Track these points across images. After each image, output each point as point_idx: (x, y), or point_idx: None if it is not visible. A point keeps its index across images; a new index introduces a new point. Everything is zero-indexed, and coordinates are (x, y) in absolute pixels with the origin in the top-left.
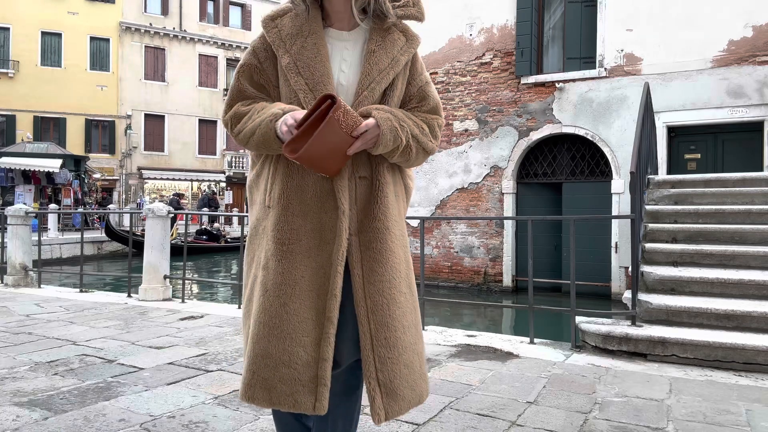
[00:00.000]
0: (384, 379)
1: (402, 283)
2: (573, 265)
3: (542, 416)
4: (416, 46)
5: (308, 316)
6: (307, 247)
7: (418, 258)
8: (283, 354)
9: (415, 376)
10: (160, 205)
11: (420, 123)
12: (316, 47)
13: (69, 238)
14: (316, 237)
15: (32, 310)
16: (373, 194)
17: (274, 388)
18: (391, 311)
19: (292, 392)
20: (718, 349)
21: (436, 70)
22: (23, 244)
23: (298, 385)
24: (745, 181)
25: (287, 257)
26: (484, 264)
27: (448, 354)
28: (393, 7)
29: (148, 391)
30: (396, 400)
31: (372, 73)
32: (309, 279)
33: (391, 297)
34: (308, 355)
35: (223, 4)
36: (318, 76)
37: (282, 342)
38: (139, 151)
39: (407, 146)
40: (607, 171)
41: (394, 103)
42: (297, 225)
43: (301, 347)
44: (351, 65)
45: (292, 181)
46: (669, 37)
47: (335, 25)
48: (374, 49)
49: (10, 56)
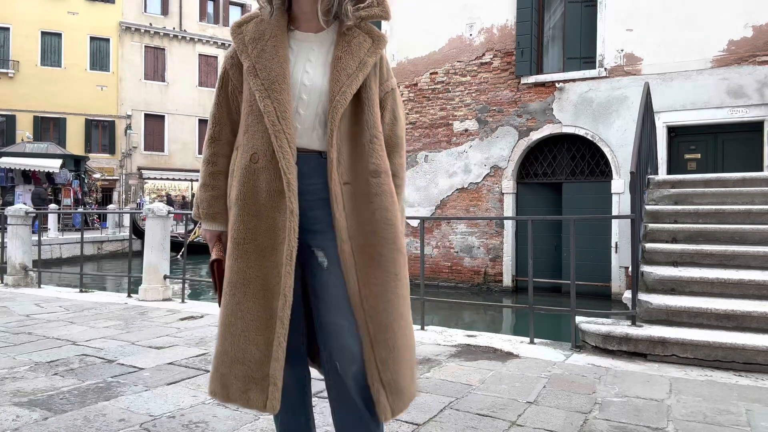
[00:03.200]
0: (387, 379)
1: (397, 287)
2: (573, 265)
3: (542, 416)
4: (383, 47)
5: (261, 315)
6: (262, 246)
7: (418, 258)
8: (238, 351)
9: (412, 371)
10: (160, 205)
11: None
12: (275, 49)
13: (69, 238)
14: (271, 237)
15: (32, 310)
16: (361, 200)
17: (231, 384)
18: (388, 314)
19: (246, 389)
20: (718, 349)
21: (436, 70)
22: (23, 244)
23: (251, 382)
24: (745, 181)
25: (242, 257)
26: (484, 264)
27: (448, 354)
28: (357, 9)
29: (148, 391)
30: (401, 397)
31: (341, 78)
32: (263, 278)
33: (386, 300)
34: (261, 354)
35: (223, 4)
36: (274, 76)
37: (236, 339)
38: (139, 151)
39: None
40: (607, 171)
41: (374, 103)
42: (252, 225)
43: (253, 345)
44: (316, 66)
45: (249, 182)
46: (669, 37)
47: (302, 27)
48: (340, 55)
49: (10, 56)
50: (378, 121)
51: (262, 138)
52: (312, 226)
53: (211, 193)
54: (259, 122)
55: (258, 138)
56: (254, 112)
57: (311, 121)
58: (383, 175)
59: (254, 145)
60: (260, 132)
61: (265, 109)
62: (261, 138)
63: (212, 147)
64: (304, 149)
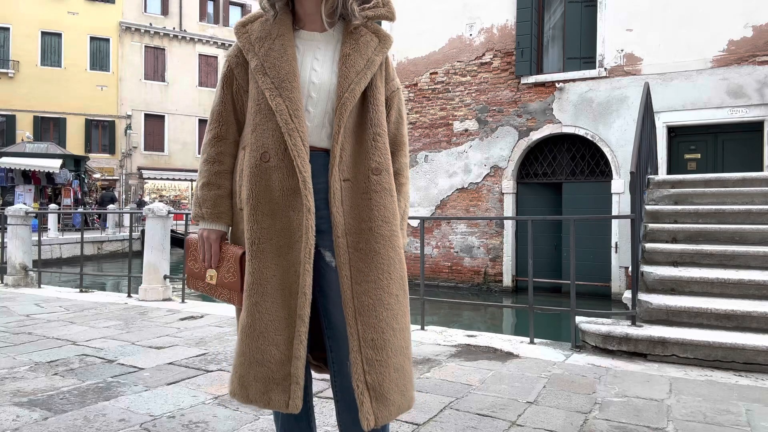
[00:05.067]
0: (373, 381)
1: (392, 285)
2: (573, 265)
3: (542, 416)
4: (389, 46)
5: (280, 314)
6: (278, 245)
7: (418, 258)
8: (257, 352)
9: (405, 381)
10: (159, 205)
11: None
12: (283, 47)
13: (69, 238)
14: (286, 236)
15: (32, 310)
16: (359, 196)
17: (250, 385)
18: (378, 313)
19: (266, 390)
20: (718, 349)
21: (436, 70)
22: (23, 244)
23: (272, 383)
24: (745, 181)
25: (258, 257)
26: (484, 264)
27: (448, 354)
28: (363, 9)
29: (148, 391)
30: (386, 404)
31: (350, 75)
32: (280, 278)
33: (378, 298)
34: (281, 354)
35: (223, 4)
36: (284, 74)
37: (255, 340)
38: (139, 151)
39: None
40: (607, 171)
41: (379, 101)
42: (266, 224)
43: (273, 345)
44: (323, 64)
45: (261, 182)
46: (669, 37)
47: (307, 26)
48: (349, 53)
49: (10, 56)
50: (382, 119)
51: (273, 136)
52: (320, 226)
53: (217, 192)
54: (269, 120)
55: (268, 136)
56: (263, 110)
57: (320, 118)
58: (384, 172)
59: (264, 143)
60: (270, 130)
61: (277, 107)
62: (271, 136)
63: (218, 146)
64: (314, 147)
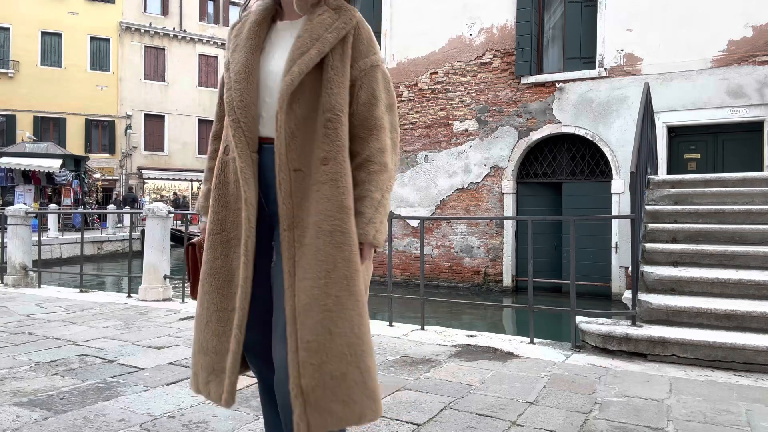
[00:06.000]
0: (306, 386)
1: (330, 285)
2: (573, 265)
3: (542, 416)
4: (349, 20)
5: (223, 306)
6: (228, 237)
7: (418, 258)
8: (203, 341)
9: (350, 391)
10: (159, 205)
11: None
12: (247, 40)
13: (69, 238)
14: (236, 227)
15: (32, 310)
16: (310, 188)
17: (198, 374)
18: (314, 314)
19: (207, 381)
20: (718, 349)
21: (436, 70)
22: (23, 244)
23: (212, 374)
24: (745, 181)
25: (210, 248)
26: (484, 264)
27: (448, 354)
28: None
29: (148, 391)
30: (320, 412)
31: (293, 56)
32: (228, 270)
33: (314, 298)
34: (222, 345)
35: (223, 4)
36: (239, 67)
37: (201, 331)
38: (139, 151)
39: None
40: (607, 171)
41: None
42: (222, 216)
43: (215, 336)
44: (283, 51)
45: (220, 175)
46: (669, 37)
47: (287, 17)
48: (301, 34)
49: (10, 56)
50: (337, 102)
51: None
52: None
53: (207, 186)
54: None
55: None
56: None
57: (275, 108)
58: (332, 162)
59: (226, 137)
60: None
61: (227, 100)
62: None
63: (214, 143)
64: (269, 138)
